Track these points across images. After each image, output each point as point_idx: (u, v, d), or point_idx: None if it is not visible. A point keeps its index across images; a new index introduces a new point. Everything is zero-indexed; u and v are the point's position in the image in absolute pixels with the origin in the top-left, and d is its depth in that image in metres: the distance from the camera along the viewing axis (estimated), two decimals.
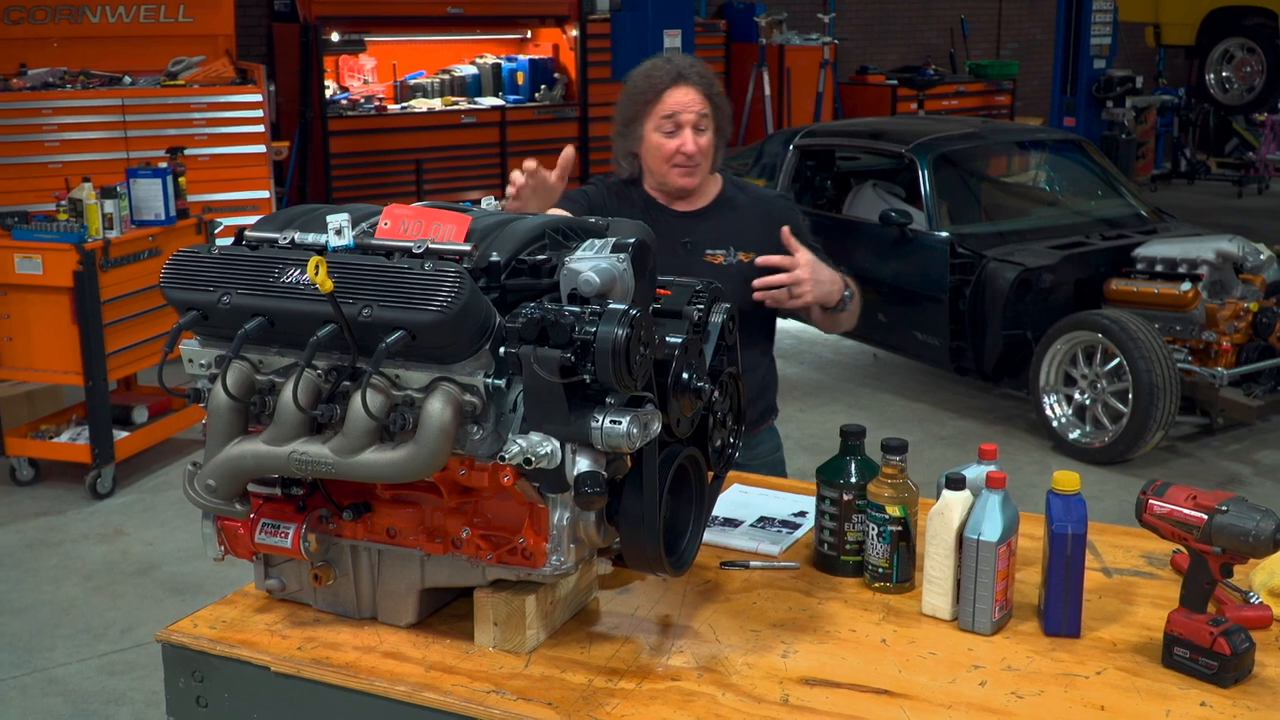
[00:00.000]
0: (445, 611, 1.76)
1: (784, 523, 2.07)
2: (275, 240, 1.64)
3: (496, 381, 1.52)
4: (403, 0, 8.24)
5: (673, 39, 5.58)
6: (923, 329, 5.51)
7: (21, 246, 4.46)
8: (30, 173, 5.99)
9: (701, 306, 1.72)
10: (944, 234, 5.37)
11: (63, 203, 4.57)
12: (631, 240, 1.60)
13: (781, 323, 2.67)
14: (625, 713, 1.53)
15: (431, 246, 1.58)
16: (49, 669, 3.39)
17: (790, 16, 10.62)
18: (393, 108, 8.39)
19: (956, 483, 1.75)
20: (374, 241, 1.61)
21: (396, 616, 1.73)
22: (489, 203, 1.84)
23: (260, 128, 6.54)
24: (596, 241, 1.61)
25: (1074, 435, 5.14)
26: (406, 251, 1.58)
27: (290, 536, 1.65)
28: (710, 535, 2.00)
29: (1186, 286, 5.12)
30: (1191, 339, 5.15)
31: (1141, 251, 5.34)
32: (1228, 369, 5.08)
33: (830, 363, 6.56)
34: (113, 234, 4.55)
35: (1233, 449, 5.30)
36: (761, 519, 2.08)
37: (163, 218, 4.75)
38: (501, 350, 1.50)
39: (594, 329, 1.46)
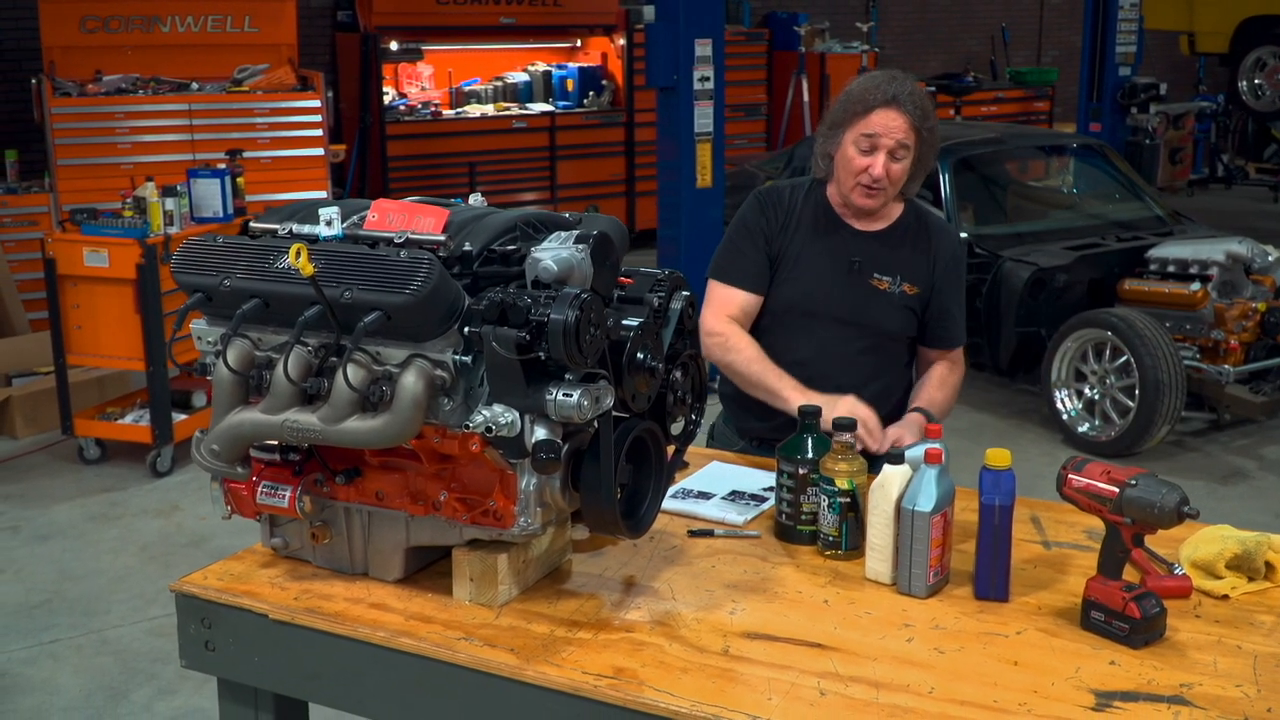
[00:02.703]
0: (431, 569, 1.93)
1: (753, 496, 2.21)
2: (275, 231, 1.82)
3: (464, 358, 1.69)
4: (458, 11, 8.49)
5: (704, 48, 5.68)
6: None
7: (90, 241, 4.75)
8: (103, 173, 6.30)
9: (662, 294, 1.87)
10: (962, 235, 5.45)
11: (128, 201, 4.87)
12: (594, 233, 1.76)
13: None
14: (579, 659, 1.69)
15: (411, 237, 1.76)
16: (103, 630, 3.64)
17: (832, 25, 10.69)
18: (448, 113, 8.65)
19: (896, 458, 1.88)
20: (361, 232, 1.79)
21: (385, 572, 1.90)
22: (477, 199, 2.01)
23: (319, 132, 6.82)
24: (562, 234, 1.78)
25: (1083, 428, 5.21)
26: (389, 241, 1.76)
27: (287, 498, 1.84)
28: (683, 506, 2.16)
29: (1196, 287, 5.18)
30: (1200, 337, 5.21)
31: (1154, 253, 5.42)
32: (1235, 367, 5.14)
33: None
34: (173, 230, 4.82)
35: (1239, 444, 5.32)
36: (733, 492, 2.23)
37: (220, 215, 5.02)
38: (467, 330, 1.67)
39: (548, 311, 1.63)
